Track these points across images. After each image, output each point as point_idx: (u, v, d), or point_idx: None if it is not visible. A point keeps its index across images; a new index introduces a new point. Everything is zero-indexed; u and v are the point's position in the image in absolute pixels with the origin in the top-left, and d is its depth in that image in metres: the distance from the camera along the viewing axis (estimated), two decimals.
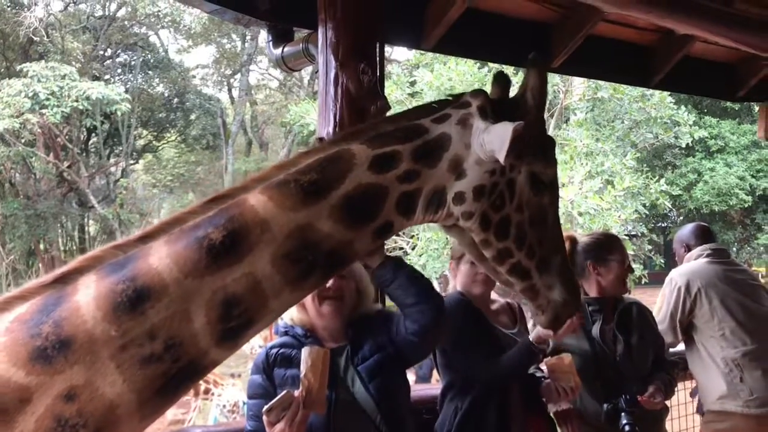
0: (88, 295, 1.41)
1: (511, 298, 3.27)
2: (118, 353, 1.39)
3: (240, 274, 1.48)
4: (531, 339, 2.80)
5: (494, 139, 1.65)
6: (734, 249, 24.24)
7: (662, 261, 18.05)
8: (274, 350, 2.35)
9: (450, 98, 1.78)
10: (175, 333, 1.43)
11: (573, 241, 3.36)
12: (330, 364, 2.12)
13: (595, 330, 3.21)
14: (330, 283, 2.28)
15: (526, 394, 2.94)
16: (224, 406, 8.78)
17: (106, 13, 26.51)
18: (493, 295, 3.11)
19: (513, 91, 1.85)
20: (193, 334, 1.45)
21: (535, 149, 1.74)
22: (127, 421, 1.41)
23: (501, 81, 1.85)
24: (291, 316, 2.42)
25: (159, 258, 1.45)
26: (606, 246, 3.33)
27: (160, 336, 1.42)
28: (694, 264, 3.93)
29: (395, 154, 1.64)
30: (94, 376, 1.37)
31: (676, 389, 3.56)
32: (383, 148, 1.64)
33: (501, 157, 1.63)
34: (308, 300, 2.34)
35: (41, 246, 24.01)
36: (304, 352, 2.10)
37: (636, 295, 3.50)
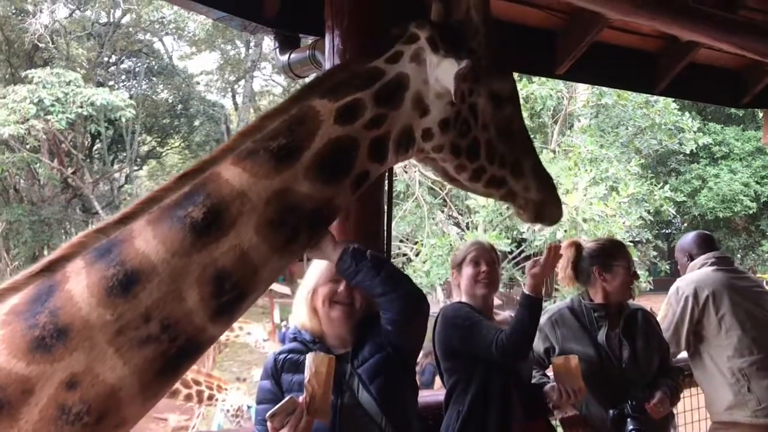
0: (79, 283, 1.41)
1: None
2: (116, 337, 1.40)
3: (227, 247, 1.49)
4: (526, 290, 2.78)
5: (445, 76, 1.66)
6: (739, 256, 24.18)
7: (667, 267, 18.00)
8: (282, 356, 2.36)
9: (396, 32, 1.77)
10: (170, 313, 1.44)
11: (578, 247, 3.37)
12: (336, 371, 2.11)
13: (601, 336, 3.21)
14: (340, 288, 2.30)
15: (526, 398, 2.94)
16: (228, 410, 8.80)
17: (111, 20, 26.63)
18: (497, 310, 3.14)
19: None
20: (187, 312, 1.45)
21: (489, 68, 1.75)
22: (130, 405, 1.42)
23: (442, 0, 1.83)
24: (300, 321, 2.42)
25: (145, 240, 1.45)
26: (611, 252, 3.33)
27: (155, 317, 1.42)
28: (700, 272, 3.89)
29: (358, 102, 1.64)
30: (93, 362, 1.38)
31: (681, 396, 3.55)
32: (345, 99, 1.63)
33: (452, 94, 1.66)
34: (318, 304, 2.35)
35: (45, 252, 24.02)
36: (309, 358, 2.10)
37: (640, 301, 3.48)
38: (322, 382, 2.06)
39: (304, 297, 2.38)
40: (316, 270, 2.38)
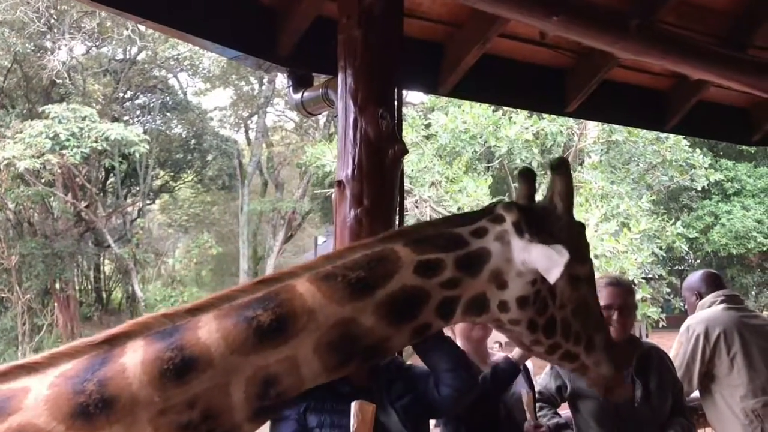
0: (135, 359, 1.44)
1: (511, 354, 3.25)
2: (157, 418, 1.43)
3: (283, 356, 1.55)
4: (514, 357, 2.77)
5: (540, 260, 1.74)
6: (753, 293, 23.90)
7: (681, 304, 17.82)
8: (304, 394, 2.33)
9: (484, 209, 1.89)
10: (214, 404, 1.47)
11: None
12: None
13: None
14: None
15: None
16: None
17: (127, 57, 27.07)
18: (494, 350, 3.13)
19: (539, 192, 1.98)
20: (230, 407, 1.50)
21: (572, 252, 1.79)
22: None
23: (527, 176, 1.96)
24: None
25: (208, 331, 1.50)
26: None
27: (199, 406, 1.46)
28: (710, 311, 3.85)
29: (439, 261, 1.73)
30: None
31: None
32: (428, 255, 1.72)
33: (552, 278, 1.74)
34: None
35: (57, 285, 24.11)
36: (354, 406, 2.14)
37: (653, 338, 3.46)
38: (367, 430, 2.11)
39: None
40: None
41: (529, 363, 3.12)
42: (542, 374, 3.25)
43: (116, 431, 1.39)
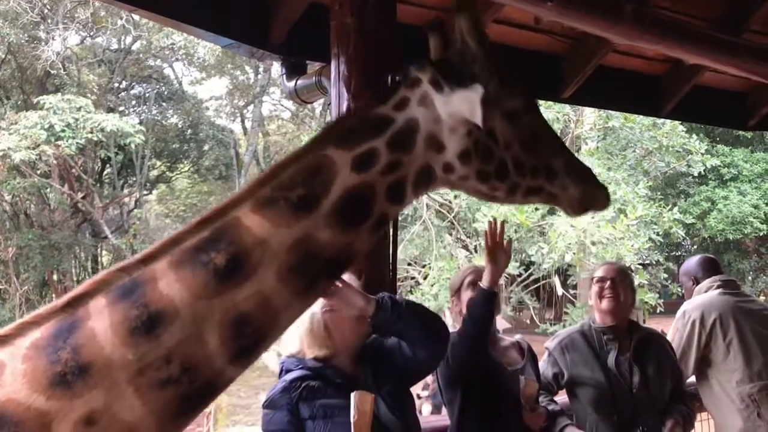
0: (102, 321, 1.43)
1: (520, 338, 3.26)
2: (136, 377, 1.41)
3: (248, 292, 1.51)
4: (485, 284, 2.71)
5: (461, 107, 1.67)
6: (749, 278, 23.99)
7: (678, 290, 17.89)
8: (296, 384, 2.32)
9: (400, 79, 1.77)
10: (191, 355, 1.45)
11: None
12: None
13: (611, 360, 3.18)
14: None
15: (521, 421, 2.91)
16: None
17: (122, 47, 26.95)
18: (504, 335, 3.13)
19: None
20: (208, 355, 1.47)
21: (496, 90, 1.73)
22: None
23: (434, 29, 1.85)
24: (303, 350, 2.40)
25: (168, 283, 1.48)
26: (594, 274, 3.40)
27: (177, 359, 1.44)
28: (706, 296, 3.86)
29: (372, 150, 1.66)
30: (112, 401, 1.39)
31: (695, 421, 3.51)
32: (359, 148, 1.65)
33: (478, 121, 1.67)
34: (340, 323, 2.36)
35: (55, 277, 24.14)
36: (354, 397, 2.16)
37: (651, 323, 3.48)
38: (367, 420, 2.14)
39: (317, 315, 2.35)
40: None
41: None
42: (540, 362, 3.24)
43: (96, 396, 1.38)
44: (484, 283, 2.70)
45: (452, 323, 3.15)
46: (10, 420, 1.34)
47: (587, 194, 1.88)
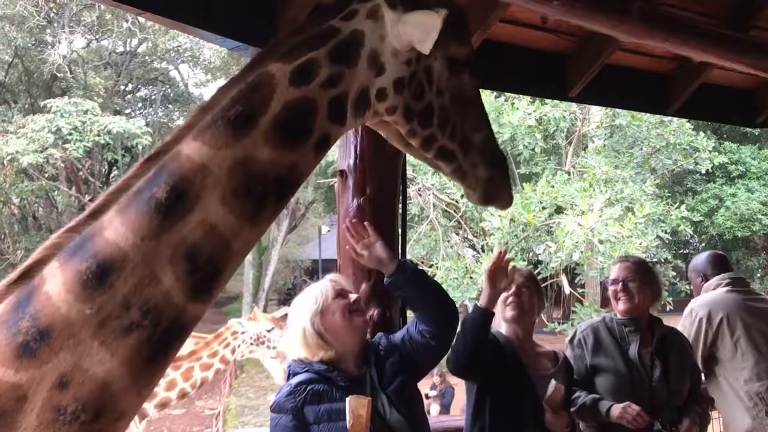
0: (56, 283, 1.40)
1: (558, 349, 3.28)
2: (99, 330, 1.38)
3: (194, 223, 1.46)
4: (482, 304, 2.78)
5: (413, 30, 1.63)
6: (758, 275, 23.88)
7: (687, 288, 17.82)
8: (301, 387, 2.31)
9: None
10: (148, 297, 1.42)
11: None
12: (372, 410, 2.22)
13: (633, 351, 3.18)
14: (353, 297, 2.40)
15: (541, 416, 2.92)
16: (249, 341, 8.53)
17: (128, 49, 27.04)
18: (540, 343, 3.17)
19: None
20: (165, 293, 1.43)
21: (445, 30, 1.68)
22: (125, 396, 1.40)
23: None
24: (305, 355, 2.39)
25: (114, 229, 1.43)
26: (612, 268, 3.41)
27: (134, 303, 1.40)
28: (714, 294, 3.85)
29: (312, 62, 1.60)
30: (81, 359, 1.37)
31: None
32: (299, 60, 1.59)
33: (425, 49, 1.64)
34: (333, 321, 2.36)
35: None
36: (349, 402, 2.17)
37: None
38: (363, 424, 2.15)
39: (308, 326, 2.35)
40: (313, 295, 2.39)
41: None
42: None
43: (64, 358, 1.36)
44: (481, 302, 2.76)
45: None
46: None
47: (494, 182, 1.87)
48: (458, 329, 2.74)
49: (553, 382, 2.90)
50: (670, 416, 3.07)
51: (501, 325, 3.06)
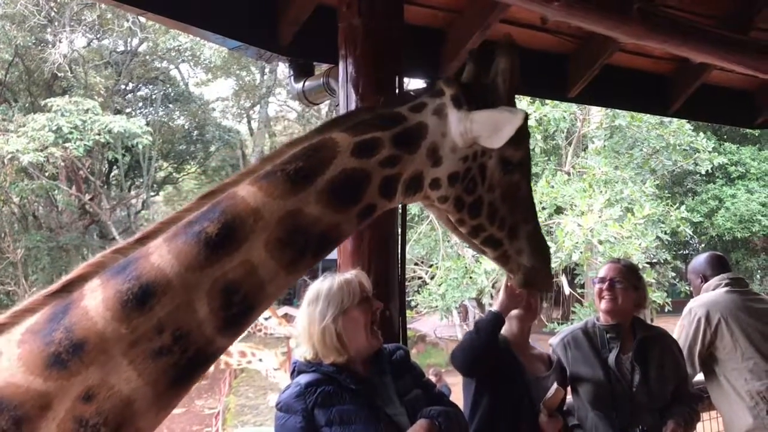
0: (95, 299, 1.44)
1: (551, 353, 3.30)
2: (130, 349, 1.43)
3: (237, 262, 1.53)
4: (496, 308, 2.83)
5: (483, 127, 1.73)
6: (758, 276, 23.89)
7: (687, 288, 17.82)
8: (311, 389, 2.25)
9: (426, 86, 1.86)
10: (182, 324, 1.47)
11: None
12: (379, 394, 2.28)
13: (611, 358, 3.18)
14: (376, 306, 2.34)
15: (535, 418, 2.92)
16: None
17: (128, 49, 27.06)
18: (535, 345, 3.20)
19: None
20: (198, 323, 1.49)
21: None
22: (144, 415, 1.44)
23: (475, 57, 1.93)
24: (317, 353, 2.34)
25: (160, 255, 1.50)
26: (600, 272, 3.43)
27: (168, 329, 1.46)
28: (712, 294, 3.85)
29: (376, 140, 1.71)
30: (109, 375, 1.41)
31: (700, 419, 3.50)
32: (364, 135, 1.71)
33: (496, 144, 1.74)
34: (358, 328, 2.30)
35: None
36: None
37: (659, 322, 3.45)
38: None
39: (329, 325, 2.27)
40: (339, 294, 2.31)
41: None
42: None
43: (93, 372, 1.40)
44: (497, 307, 2.80)
45: (459, 322, 3.20)
46: (10, 403, 1.35)
47: (536, 269, 1.97)
48: (472, 329, 2.79)
49: (555, 385, 2.91)
50: (653, 420, 3.07)
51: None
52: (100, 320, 1.42)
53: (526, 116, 1.84)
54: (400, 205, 3.12)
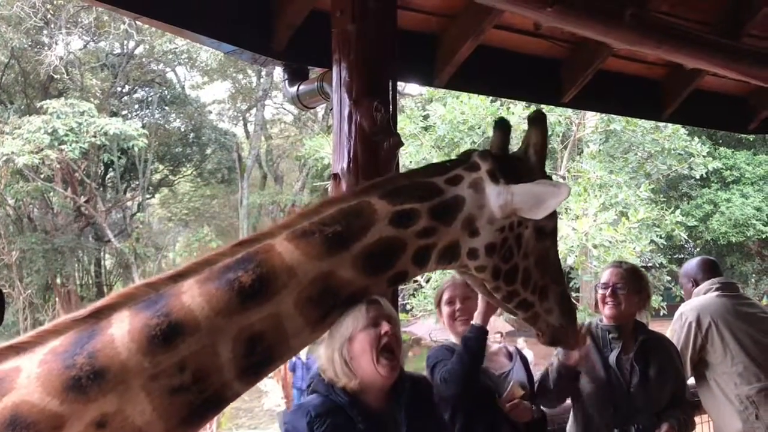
0: (122, 329, 1.47)
1: (508, 343, 3.26)
2: (149, 383, 1.45)
3: (266, 314, 1.58)
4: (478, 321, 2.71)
5: (525, 200, 1.79)
6: (752, 280, 23.93)
7: (682, 292, 17.83)
8: (320, 419, 2.11)
9: (459, 158, 1.92)
10: (204, 366, 1.51)
11: None
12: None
13: (612, 357, 3.20)
14: (384, 329, 2.03)
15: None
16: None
17: (125, 51, 27.03)
18: (492, 340, 3.10)
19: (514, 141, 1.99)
20: (219, 367, 1.53)
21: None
22: None
23: (502, 127, 2.02)
24: (330, 375, 2.14)
25: (191, 296, 1.53)
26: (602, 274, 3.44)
27: (189, 368, 1.49)
28: (704, 298, 3.87)
29: (414, 211, 1.76)
30: (125, 405, 1.43)
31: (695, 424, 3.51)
32: (403, 206, 1.75)
33: (539, 216, 1.81)
34: (359, 354, 2.06)
35: (58, 280, 24.17)
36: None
37: (654, 326, 3.46)
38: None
39: (336, 355, 2.10)
40: (348, 319, 2.00)
41: (529, 354, 3.14)
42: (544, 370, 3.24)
43: (110, 400, 1.42)
44: (477, 320, 2.69)
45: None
46: (24, 421, 1.37)
47: (564, 329, 2.04)
48: (460, 349, 2.68)
49: (511, 383, 2.87)
50: (649, 422, 3.09)
51: (448, 328, 3.03)
52: (124, 351, 1.45)
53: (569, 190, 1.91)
54: None
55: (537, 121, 1.97)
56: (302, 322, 1.63)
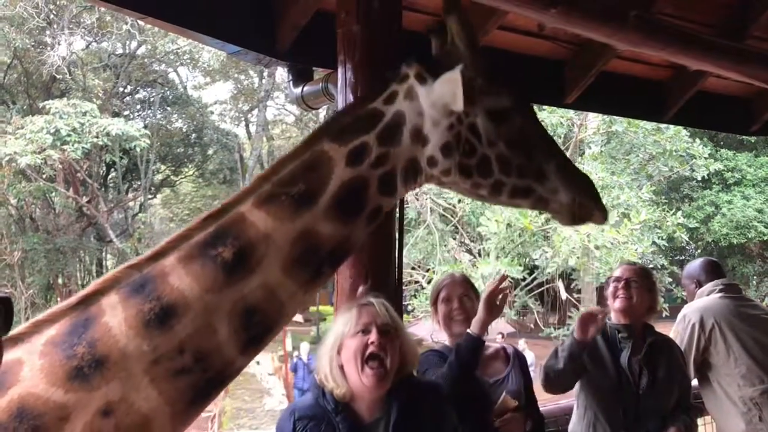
0: (116, 316, 1.49)
1: (506, 344, 3.14)
2: (151, 368, 1.48)
3: (255, 285, 1.60)
4: (474, 331, 2.58)
5: (442, 94, 1.78)
6: (754, 282, 23.91)
7: (683, 294, 17.81)
8: (303, 422, 2.06)
9: (390, 73, 1.91)
10: (203, 345, 1.53)
11: None
12: None
13: (623, 358, 3.20)
14: (372, 338, 2.00)
15: None
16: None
17: (127, 51, 27.04)
18: (497, 341, 3.03)
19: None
20: (218, 345, 1.55)
21: (481, 87, 1.83)
22: None
23: (437, 33, 1.99)
24: (322, 378, 2.11)
25: (178, 277, 1.55)
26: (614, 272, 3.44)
27: (189, 349, 1.51)
28: (707, 300, 3.87)
29: (364, 145, 1.77)
30: (129, 391, 1.45)
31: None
32: (353, 142, 1.77)
33: (458, 106, 1.77)
34: (347, 361, 2.04)
35: (60, 280, 24.18)
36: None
37: (656, 328, 3.47)
38: None
39: (328, 352, 2.07)
40: (338, 326, 2.09)
41: (530, 355, 3.11)
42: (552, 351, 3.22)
43: (113, 387, 1.44)
44: (473, 329, 2.57)
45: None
46: (30, 413, 1.39)
47: (579, 202, 1.89)
48: (452, 357, 2.56)
49: (503, 395, 2.74)
50: (656, 424, 3.10)
51: (443, 334, 2.94)
52: (122, 338, 1.47)
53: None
54: (397, 210, 3.13)
55: (450, 10, 1.92)
56: (293, 285, 1.65)
